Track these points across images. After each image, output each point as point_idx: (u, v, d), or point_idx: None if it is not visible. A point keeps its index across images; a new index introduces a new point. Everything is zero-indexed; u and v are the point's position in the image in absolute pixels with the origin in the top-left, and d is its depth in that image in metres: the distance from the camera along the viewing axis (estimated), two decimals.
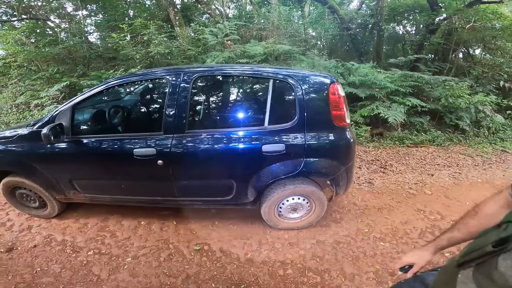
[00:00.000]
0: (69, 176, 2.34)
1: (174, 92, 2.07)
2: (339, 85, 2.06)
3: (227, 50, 5.14)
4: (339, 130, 2.08)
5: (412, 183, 3.58)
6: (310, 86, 2.03)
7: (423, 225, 2.73)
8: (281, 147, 2.02)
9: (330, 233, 2.58)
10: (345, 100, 2.13)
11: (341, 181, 2.22)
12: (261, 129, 2.06)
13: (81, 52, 6.38)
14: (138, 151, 2.10)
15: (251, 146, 2.05)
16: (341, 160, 2.17)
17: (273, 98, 2.04)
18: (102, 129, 2.57)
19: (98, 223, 2.66)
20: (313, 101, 2.02)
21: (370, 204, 3.05)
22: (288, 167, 2.10)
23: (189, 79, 2.08)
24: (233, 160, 2.13)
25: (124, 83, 2.37)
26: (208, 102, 2.43)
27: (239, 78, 2.32)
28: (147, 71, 2.36)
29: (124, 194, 2.44)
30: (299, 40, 7.32)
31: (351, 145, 2.16)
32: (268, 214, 2.38)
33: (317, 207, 2.40)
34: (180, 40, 5.50)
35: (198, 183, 2.28)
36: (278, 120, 2.07)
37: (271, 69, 2.15)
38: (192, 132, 2.10)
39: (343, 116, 2.04)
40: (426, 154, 4.64)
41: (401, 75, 5.30)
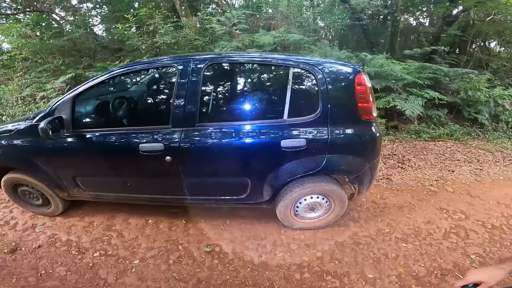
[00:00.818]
0: (71, 173, 2.21)
1: (183, 82, 1.90)
2: (365, 75, 1.87)
3: (235, 40, 4.93)
4: (365, 124, 1.91)
5: (433, 179, 3.38)
6: (334, 76, 1.84)
7: (447, 225, 2.57)
8: (302, 142, 1.84)
9: (349, 234, 2.43)
10: (372, 92, 1.94)
11: (365, 178, 2.06)
12: (280, 123, 1.88)
13: (87, 44, 6.24)
14: (144, 146, 1.94)
15: (269, 141, 1.88)
16: (367, 156, 2.00)
17: (293, 88, 1.86)
18: (105, 122, 2.41)
19: (104, 222, 2.55)
20: (337, 92, 1.84)
21: (390, 202, 2.88)
22: (309, 164, 1.93)
23: (200, 67, 1.90)
24: (248, 156, 1.96)
25: (128, 72, 2.19)
26: (221, 93, 2.22)
27: (255, 66, 2.12)
28: (154, 59, 2.19)
29: (130, 192, 2.31)
30: (308, 30, 7.06)
31: (378, 141, 1.98)
32: (283, 214, 2.23)
33: (336, 206, 2.23)
34: (186, 30, 5.30)
35: (210, 181, 2.13)
36: (299, 113, 1.88)
37: (292, 57, 1.97)
38: (203, 125, 1.93)
39: (369, 109, 1.86)
40: (444, 148, 4.42)
41: (418, 67, 5.07)
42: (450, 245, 2.29)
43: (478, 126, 5.33)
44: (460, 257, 2.16)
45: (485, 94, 5.17)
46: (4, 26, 6.35)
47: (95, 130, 2.09)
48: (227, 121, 1.99)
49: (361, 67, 1.90)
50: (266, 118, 1.95)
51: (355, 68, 1.88)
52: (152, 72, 2.35)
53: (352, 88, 1.81)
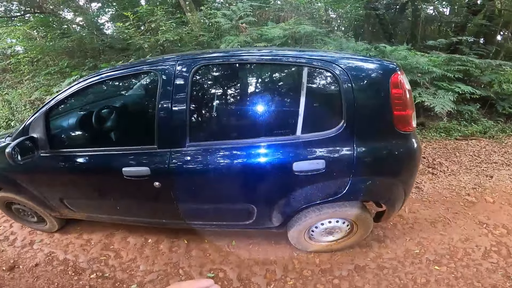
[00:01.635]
0: (58, 195, 1.99)
1: (167, 92, 1.52)
2: (403, 74, 1.46)
3: (243, 34, 4.60)
4: (402, 138, 1.50)
5: (469, 187, 2.95)
6: (363, 77, 1.43)
7: (487, 242, 2.20)
8: (320, 164, 1.47)
9: (372, 256, 2.11)
10: (412, 96, 1.53)
11: (397, 200, 1.70)
12: (292, 140, 1.49)
13: (92, 44, 6.08)
14: (127, 170, 1.63)
15: (277, 164, 1.50)
16: (402, 177, 1.62)
17: (309, 94, 1.46)
18: (84, 141, 2.11)
19: (102, 240, 2.38)
20: (367, 98, 1.43)
21: (421, 216, 2.50)
22: (329, 189, 1.57)
23: (188, 71, 1.51)
24: (252, 182, 1.62)
25: (100, 82, 1.75)
26: (216, 104, 1.74)
27: (258, 67, 1.67)
28: (130, 64, 1.79)
29: (122, 215, 2.07)
30: (320, 21, 6.60)
31: (417, 157, 1.58)
32: (296, 239, 1.93)
33: (359, 229, 1.90)
34: (190, 26, 5.01)
35: (208, 207, 1.83)
36: (316, 127, 1.50)
37: (305, 52, 1.55)
38: (196, 145, 1.58)
39: (408, 117, 1.46)
40: (479, 149, 3.94)
41: (446, 59, 4.57)
42: (490, 266, 1.98)
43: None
44: (501, 279, 1.87)
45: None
46: (9, 29, 6.26)
47: (73, 151, 1.82)
48: (224, 140, 1.60)
49: (397, 65, 1.49)
50: (273, 134, 1.55)
51: (390, 66, 1.46)
52: (129, 80, 1.97)
53: (387, 92, 1.40)
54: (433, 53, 5.15)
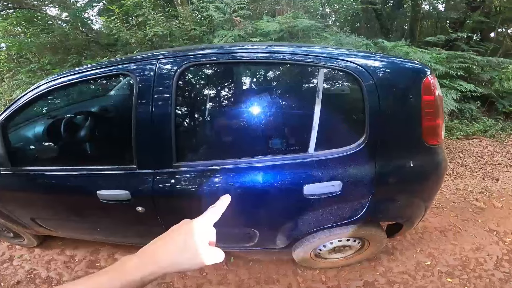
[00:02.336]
0: (28, 214, 1.73)
1: (146, 99, 1.22)
2: (435, 79, 1.24)
3: (237, 28, 4.35)
4: (430, 152, 1.28)
5: (477, 192, 2.83)
6: (390, 80, 1.19)
7: (499, 251, 2.10)
8: (336, 187, 1.25)
9: (381, 271, 1.97)
10: (442, 103, 1.32)
11: (417, 218, 1.52)
12: (303, 159, 1.25)
13: (76, 40, 5.70)
14: (103, 194, 1.36)
15: (284, 187, 1.26)
16: (426, 195, 1.43)
17: (325, 103, 1.20)
18: (46, 158, 1.77)
19: (87, 256, 2.16)
20: (394, 106, 1.20)
21: (430, 226, 2.36)
22: (344, 212, 1.36)
23: (171, 73, 1.21)
24: (254, 206, 1.38)
25: (60, 87, 1.42)
26: (208, 114, 1.41)
27: (258, 67, 1.37)
28: (99, 64, 1.43)
29: (105, 236, 1.83)
30: (316, 16, 6.39)
31: (443, 173, 1.39)
32: (301, 258, 1.75)
33: (371, 246, 1.73)
34: (181, 19, 4.72)
35: None
36: (333, 143, 1.26)
37: (321, 49, 1.25)
38: (185, 165, 1.30)
39: (438, 128, 1.26)
40: (481, 148, 3.84)
41: (448, 56, 4.41)
42: (503, 276, 1.90)
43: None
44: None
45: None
46: None
47: (37, 169, 1.53)
48: (219, 159, 1.30)
49: (428, 67, 1.26)
50: (280, 152, 1.29)
51: (421, 68, 1.22)
52: (100, 85, 1.61)
53: (417, 99, 1.18)
54: (432, 49, 5.00)
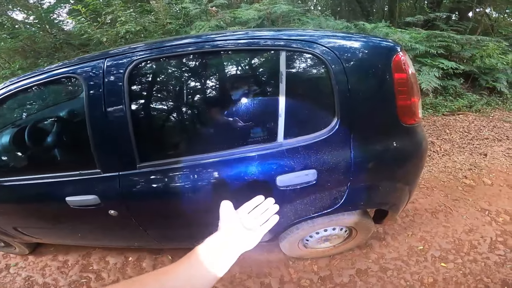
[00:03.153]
0: (10, 224, 1.65)
1: (96, 102, 1.13)
2: (406, 55, 1.16)
3: (214, 18, 4.18)
4: (408, 132, 1.22)
5: (466, 169, 2.81)
6: (358, 60, 1.10)
7: (492, 232, 2.07)
8: (310, 176, 1.17)
9: (374, 258, 1.92)
10: (416, 80, 1.23)
11: (402, 203, 1.45)
12: (273, 149, 1.16)
13: (44, 42, 5.40)
14: (72, 200, 1.29)
15: (255, 180, 1.17)
16: (408, 177, 1.36)
17: (289, 88, 1.12)
18: (16, 166, 1.65)
19: (80, 261, 2.11)
20: (364, 87, 1.12)
21: (421, 207, 2.32)
22: (322, 201, 1.28)
23: (121, 71, 1.12)
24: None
25: (13, 94, 1.32)
26: (168, 110, 1.31)
27: (215, 56, 1.24)
28: (46, 68, 1.31)
29: (88, 240, 1.77)
30: (296, 0, 6.24)
31: (424, 153, 1.32)
32: (289, 249, 1.69)
33: (359, 234, 1.67)
34: (155, 14, 4.50)
35: (181, 230, 1.51)
36: (303, 129, 1.18)
37: (282, 32, 1.17)
38: (150, 165, 1.22)
39: (414, 107, 1.18)
40: (467, 124, 3.85)
41: (427, 35, 4.44)
42: (498, 259, 1.85)
43: (498, 95, 4.86)
44: (510, 273, 1.76)
45: (503, 61, 4.72)
46: None
47: (8, 180, 1.44)
48: (185, 156, 1.22)
49: (397, 43, 1.18)
50: (247, 143, 1.19)
51: (390, 45, 1.15)
52: (51, 89, 1.42)
53: (389, 78, 1.10)
54: (412, 29, 5.01)
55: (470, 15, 7.44)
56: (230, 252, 0.59)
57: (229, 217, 0.64)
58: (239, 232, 0.62)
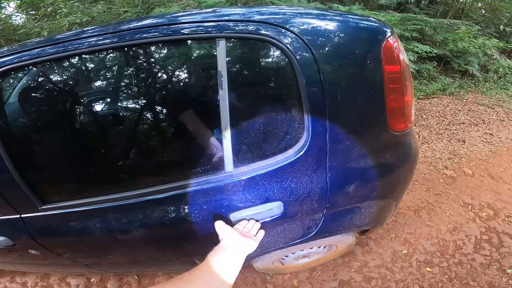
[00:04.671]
0: None
1: None
2: (398, 41, 0.85)
3: (177, 4, 3.77)
4: (398, 141, 0.95)
5: (445, 158, 2.71)
6: (336, 49, 0.77)
7: (476, 229, 1.98)
8: (275, 209, 0.90)
9: (356, 266, 1.77)
10: (410, 74, 0.90)
11: (385, 219, 1.23)
12: (219, 181, 0.85)
13: None
14: None
15: (204, 220, 0.88)
16: (394, 194, 1.11)
17: (235, 97, 0.79)
18: None
19: (39, 283, 1.84)
20: (343, 87, 0.79)
21: (403, 204, 2.18)
22: (293, 233, 1.02)
23: None
24: (180, 240, 1.01)
25: None
26: (63, 133, 0.88)
27: (125, 52, 0.81)
28: None
29: (31, 269, 1.54)
30: None
31: (415, 163, 1.08)
32: (264, 269, 1.46)
33: (339, 247, 1.46)
34: (104, 3, 3.98)
35: (147, 259, 1.20)
36: (259, 152, 0.86)
37: (221, 10, 0.79)
38: (55, 206, 0.91)
39: (408, 108, 0.88)
40: (443, 108, 3.81)
41: (402, 18, 4.31)
42: (484, 260, 1.78)
43: (470, 78, 4.96)
44: (496, 275, 1.69)
45: (475, 45, 4.76)
46: None
47: None
48: (104, 194, 0.88)
49: (388, 25, 0.85)
50: (186, 177, 0.86)
51: (378, 28, 0.82)
52: None
53: (377, 72, 0.80)
54: (385, 12, 4.88)
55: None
56: (236, 257, 0.73)
57: (227, 230, 0.78)
58: (239, 239, 0.76)
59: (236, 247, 0.73)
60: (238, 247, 0.74)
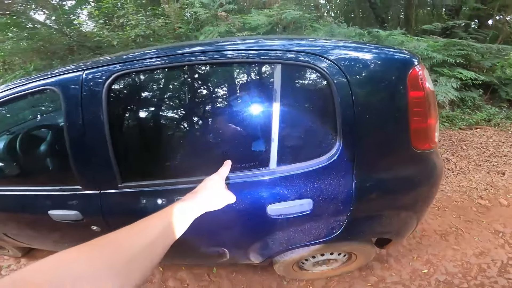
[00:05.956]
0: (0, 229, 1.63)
1: (74, 116, 1.07)
2: (424, 69, 1.01)
3: (224, 24, 4.17)
4: (421, 159, 1.08)
5: (482, 188, 2.63)
6: (366, 76, 0.96)
7: (504, 255, 1.92)
8: (306, 205, 1.06)
9: (373, 281, 1.80)
10: (435, 99, 1.06)
11: (407, 231, 1.33)
12: (264, 176, 1.06)
13: (60, 43, 5.55)
14: (54, 214, 1.25)
15: (245, 208, 1.08)
16: (416, 207, 1.22)
17: (285, 109, 1.00)
18: (4, 176, 1.60)
19: None
20: (372, 108, 0.98)
21: (430, 228, 2.17)
22: (318, 231, 1.17)
23: (100, 84, 1.04)
24: (215, 226, 1.20)
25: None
26: (152, 128, 1.20)
27: (199, 70, 1.13)
28: (24, 80, 1.26)
29: None
30: (307, 6, 6.17)
31: (438, 182, 1.18)
32: (283, 271, 1.58)
33: (359, 258, 1.56)
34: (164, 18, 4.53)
35: (171, 249, 1.43)
36: (298, 155, 1.06)
37: (276, 42, 1.05)
38: (132, 185, 1.15)
39: (431, 130, 1.03)
40: (486, 139, 3.62)
41: (445, 43, 4.22)
42: (506, 283, 1.72)
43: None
44: None
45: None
46: None
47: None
48: (169, 178, 1.12)
49: (416, 55, 1.02)
50: (237, 169, 1.06)
51: (406, 58, 0.99)
52: (30, 102, 1.35)
53: (402, 97, 0.96)
54: (429, 37, 4.81)
55: (490, 23, 7.15)
56: (202, 207, 0.70)
57: (220, 182, 0.79)
58: (220, 194, 0.76)
59: (210, 200, 0.72)
60: (212, 201, 0.72)
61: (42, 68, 5.32)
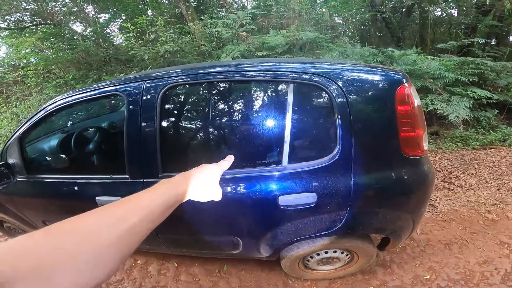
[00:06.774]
0: (40, 217, 1.88)
1: (134, 117, 1.36)
2: (411, 87, 1.24)
3: (244, 43, 4.50)
4: (411, 164, 1.28)
5: (490, 203, 2.67)
6: (361, 91, 1.20)
7: (508, 264, 1.97)
8: (311, 198, 1.27)
9: (375, 284, 1.90)
10: (422, 113, 1.29)
11: (404, 232, 1.48)
12: (277, 171, 1.29)
13: (96, 56, 6.12)
14: (100, 199, 1.49)
15: (260, 198, 1.31)
16: (411, 208, 1.40)
17: (296, 117, 1.26)
18: (56, 167, 1.96)
19: None
20: (367, 118, 1.21)
21: (434, 238, 2.25)
22: (321, 223, 1.36)
23: (155, 92, 1.34)
24: (233, 215, 1.44)
25: (66, 106, 1.62)
26: (189, 129, 1.54)
27: (233, 85, 1.44)
28: (97, 85, 1.59)
29: None
30: (325, 27, 6.46)
31: (429, 186, 1.36)
32: (289, 268, 1.74)
33: (360, 258, 1.69)
34: (190, 36, 4.95)
35: (190, 238, 1.66)
36: (306, 155, 1.31)
37: (291, 64, 1.31)
38: (171, 175, 1.34)
39: (418, 139, 1.24)
40: (499, 159, 3.62)
41: (459, 62, 4.27)
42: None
43: None
44: None
45: None
46: (18, 40, 6.38)
47: (48, 177, 1.72)
48: None
49: (404, 74, 1.25)
50: (256, 165, 1.33)
51: (395, 77, 1.22)
52: (99, 104, 1.80)
53: (392, 109, 1.18)
54: (444, 56, 4.88)
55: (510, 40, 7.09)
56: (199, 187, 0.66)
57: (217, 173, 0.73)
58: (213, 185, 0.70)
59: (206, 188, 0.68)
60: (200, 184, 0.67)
61: (79, 78, 5.87)
